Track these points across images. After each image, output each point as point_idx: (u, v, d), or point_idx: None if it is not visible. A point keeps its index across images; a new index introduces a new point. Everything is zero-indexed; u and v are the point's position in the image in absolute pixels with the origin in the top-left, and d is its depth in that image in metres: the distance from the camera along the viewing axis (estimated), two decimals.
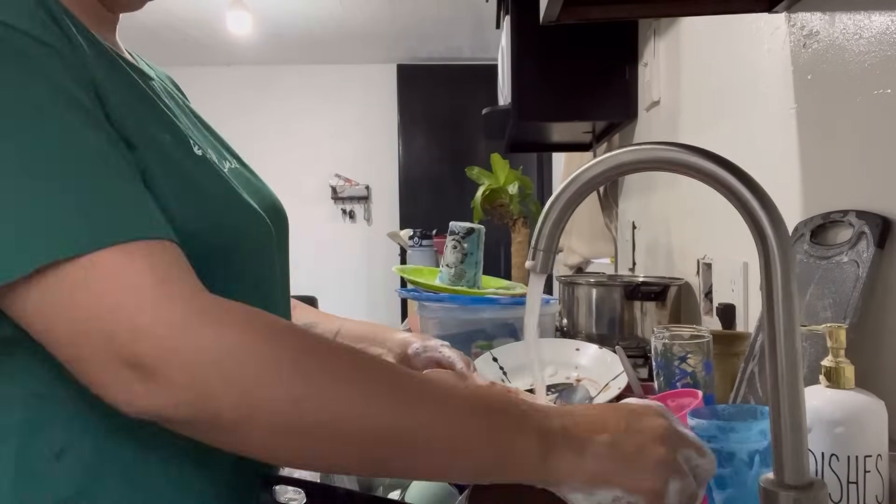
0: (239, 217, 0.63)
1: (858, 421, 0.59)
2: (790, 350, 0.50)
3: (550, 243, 0.57)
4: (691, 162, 0.52)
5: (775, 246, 0.49)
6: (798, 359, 0.50)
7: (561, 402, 0.95)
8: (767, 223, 0.49)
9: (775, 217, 0.50)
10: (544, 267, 0.57)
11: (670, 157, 0.53)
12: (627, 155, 0.54)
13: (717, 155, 0.52)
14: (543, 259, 0.57)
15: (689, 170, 0.52)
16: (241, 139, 5.77)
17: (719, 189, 0.51)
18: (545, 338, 1.21)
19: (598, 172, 0.55)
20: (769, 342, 0.50)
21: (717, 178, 0.51)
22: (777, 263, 0.49)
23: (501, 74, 2.47)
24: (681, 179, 1.60)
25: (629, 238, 2.12)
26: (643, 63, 1.90)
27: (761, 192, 0.50)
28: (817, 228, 0.88)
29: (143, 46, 0.62)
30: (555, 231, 0.57)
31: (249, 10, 3.95)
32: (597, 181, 0.56)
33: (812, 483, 0.50)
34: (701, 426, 0.62)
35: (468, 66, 5.09)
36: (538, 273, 0.58)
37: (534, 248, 0.58)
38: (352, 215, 5.48)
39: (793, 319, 0.50)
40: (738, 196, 0.50)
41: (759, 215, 0.50)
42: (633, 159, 0.54)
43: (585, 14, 1.06)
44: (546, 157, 4.69)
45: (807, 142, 0.98)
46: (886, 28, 0.78)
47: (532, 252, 0.58)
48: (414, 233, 3.23)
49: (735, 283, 1.21)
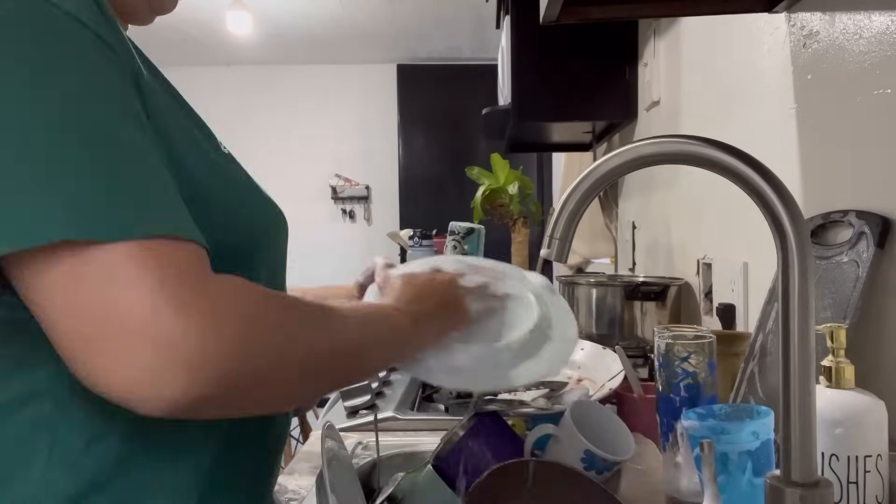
0: (266, 209, 0.66)
1: (858, 421, 0.59)
2: (804, 348, 0.49)
3: (566, 232, 0.57)
4: (712, 156, 0.52)
5: (794, 242, 0.49)
6: (811, 357, 0.50)
7: (552, 403, 0.95)
8: (787, 219, 0.49)
9: (795, 213, 0.49)
10: (559, 255, 0.57)
11: (690, 150, 0.53)
12: (648, 148, 0.54)
13: (737, 149, 0.51)
14: (559, 247, 0.57)
15: (709, 163, 0.52)
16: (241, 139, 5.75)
17: (738, 183, 0.51)
18: None
19: (618, 164, 0.55)
20: (783, 339, 0.50)
21: (737, 173, 0.51)
22: (795, 260, 0.49)
23: (501, 74, 2.47)
24: (681, 179, 1.60)
25: (629, 238, 2.12)
26: (643, 63, 1.90)
27: (781, 188, 0.50)
28: (817, 228, 0.88)
29: (143, 46, 0.62)
30: (571, 220, 0.57)
31: (249, 10, 3.95)
32: (615, 173, 0.56)
33: (818, 481, 0.50)
34: (693, 427, 0.62)
35: (468, 66, 5.09)
36: (553, 260, 0.58)
37: (550, 236, 0.57)
38: (352, 215, 5.48)
39: (808, 317, 0.49)
40: (757, 191, 0.50)
41: (779, 210, 0.50)
42: (654, 152, 0.54)
43: (585, 14, 1.06)
44: (546, 157, 4.69)
45: (807, 142, 0.98)
46: (886, 28, 0.78)
47: (548, 240, 0.57)
48: (414, 233, 3.23)
49: (735, 283, 1.21)
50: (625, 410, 0.96)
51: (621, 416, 0.81)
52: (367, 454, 0.95)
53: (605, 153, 0.56)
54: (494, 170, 2.47)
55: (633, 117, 1.98)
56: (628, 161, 0.55)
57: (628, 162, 0.55)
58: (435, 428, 1.09)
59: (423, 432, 1.09)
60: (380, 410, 1.16)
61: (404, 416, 1.15)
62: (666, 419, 0.73)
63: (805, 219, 0.90)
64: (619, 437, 0.76)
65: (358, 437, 1.04)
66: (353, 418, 1.15)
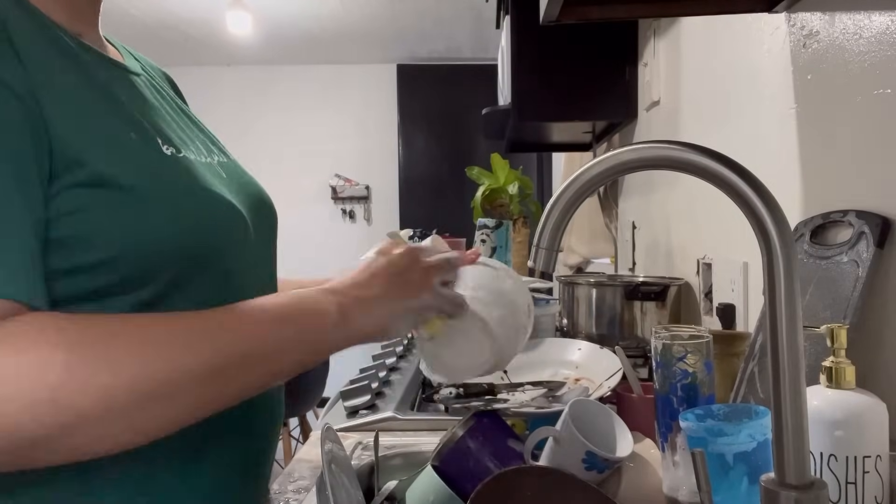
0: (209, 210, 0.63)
1: (858, 421, 0.59)
2: (792, 349, 0.50)
3: (552, 242, 0.57)
4: (693, 161, 0.52)
5: (778, 245, 0.49)
6: (800, 358, 0.50)
7: (551, 402, 0.95)
8: (771, 223, 0.49)
9: (779, 217, 0.49)
10: (546, 265, 0.57)
11: (672, 155, 0.53)
12: (629, 154, 0.54)
13: (719, 153, 0.51)
14: (545, 257, 0.57)
15: (692, 168, 0.52)
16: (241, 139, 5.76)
17: (722, 188, 0.51)
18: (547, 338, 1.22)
19: (600, 172, 0.55)
20: (771, 342, 0.50)
21: (720, 177, 0.51)
22: (780, 263, 0.49)
23: (501, 74, 2.47)
24: (681, 179, 1.60)
25: (629, 238, 2.12)
26: (643, 63, 1.90)
27: (765, 192, 0.50)
28: (817, 228, 0.88)
29: (144, 46, 0.62)
30: (557, 230, 0.57)
31: (249, 10, 3.95)
32: (598, 180, 0.56)
33: (813, 483, 0.50)
34: (690, 428, 0.62)
35: (468, 65, 5.09)
36: (541, 270, 0.58)
37: (536, 246, 0.57)
38: (352, 215, 5.48)
39: (795, 319, 0.50)
40: (740, 195, 0.50)
41: (763, 215, 0.50)
42: (635, 158, 0.54)
43: (585, 14, 1.06)
44: (546, 157, 4.69)
45: (807, 142, 0.98)
46: (886, 28, 0.78)
47: (535, 251, 0.58)
48: (414, 233, 3.23)
49: (735, 283, 1.21)
50: (624, 410, 0.96)
51: (621, 415, 0.81)
52: (367, 454, 0.95)
53: (605, 153, 0.56)
54: (494, 170, 2.47)
55: (633, 117, 1.98)
56: (610, 168, 0.55)
57: (610, 168, 0.55)
58: (435, 428, 1.09)
59: (423, 432, 1.09)
60: (380, 410, 1.16)
61: (404, 416, 1.15)
62: (664, 419, 0.73)
63: (804, 219, 0.90)
64: (618, 435, 0.76)
65: (358, 438, 1.04)
66: (352, 418, 1.15)
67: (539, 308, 1.29)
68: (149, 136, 0.62)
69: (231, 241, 0.66)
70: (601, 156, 0.56)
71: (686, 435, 0.64)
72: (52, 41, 0.57)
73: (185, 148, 0.66)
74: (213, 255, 0.63)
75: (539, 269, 0.58)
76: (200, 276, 0.62)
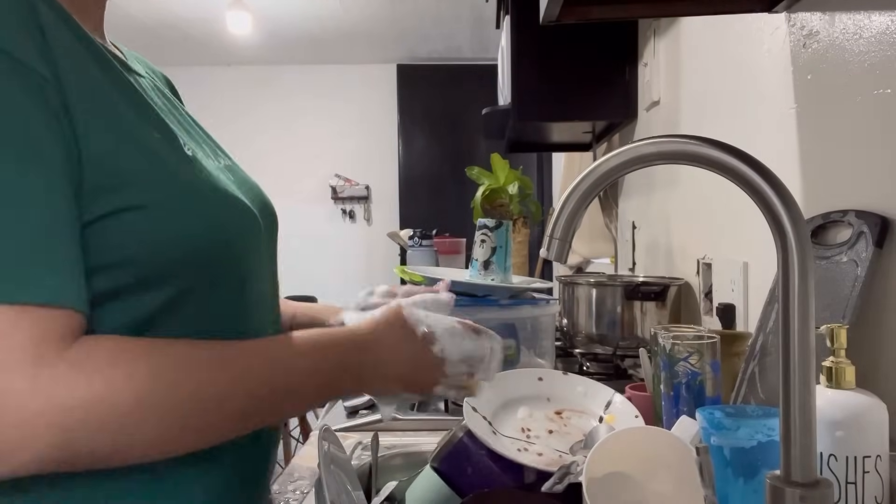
0: (229, 211, 0.64)
1: (858, 421, 0.59)
2: (804, 348, 0.49)
3: (566, 232, 0.57)
4: (711, 156, 0.52)
5: (794, 243, 0.49)
6: (811, 357, 0.50)
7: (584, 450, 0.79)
8: (787, 219, 0.49)
9: (795, 214, 0.49)
10: (559, 255, 0.57)
11: (690, 150, 0.52)
12: (648, 147, 0.54)
13: (737, 149, 0.51)
14: (559, 247, 0.57)
15: (710, 164, 0.52)
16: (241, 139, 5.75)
17: (738, 183, 0.51)
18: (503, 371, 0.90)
19: (617, 164, 0.55)
20: (783, 340, 0.50)
21: (738, 173, 0.51)
22: (795, 260, 0.49)
23: (501, 74, 2.47)
24: (681, 179, 1.60)
25: (629, 238, 2.12)
26: (643, 63, 1.90)
27: (782, 188, 0.50)
28: (817, 228, 0.88)
29: (144, 46, 0.62)
30: (572, 220, 0.57)
31: (249, 10, 3.95)
32: (615, 173, 0.55)
33: (818, 481, 0.50)
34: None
35: (468, 65, 5.09)
36: (553, 260, 0.58)
37: (549, 236, 0.57)
38: (352, 215, 5.48)
39: (808, 316, 0.49)
40: (757, 191, 0.50)
41: (779, 211, 0.50)
42: (654, 151, 0.54)
43: (585, 14, 1.06)
44: (546, 157, 4.69)
45: (807, 142, 0.98)
46: (886, 28, 0.78)
47: (548, 240, 0.57)
48: (414, 233, 3.23)
49: (735, 283, 1.21)
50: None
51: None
52: (367, 455, 0.95)
53: (605, 153, 0.55)
54: (494, 170, 2.46)
55: (633, 117, 1.98)
56: (628, 160, 0.55)
57: (628, 161, 0.55)
58: (435, 428, 1.09)
59: (423, 432, 1.09)
60: (379, 410, 1.16)
61: (404, 416, 1.15)
62: (668, 419, 0.73)
63: (805, 219, 0.90)
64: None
65: (357, 438, 1.04)
66: (352, 418, 1.15)
67: (539, 308, 1.29)
68: (172, 136, 0.62)
69: (247, 241, 0.67)
70: (619, 149, 0.55)
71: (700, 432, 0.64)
72: (76, 34, 0.57)
73: (197, 150, 0.66)
74: (232, 254, 0.64)
75: (552, 258, 0.57)
76: (219, 275, 0.62)
